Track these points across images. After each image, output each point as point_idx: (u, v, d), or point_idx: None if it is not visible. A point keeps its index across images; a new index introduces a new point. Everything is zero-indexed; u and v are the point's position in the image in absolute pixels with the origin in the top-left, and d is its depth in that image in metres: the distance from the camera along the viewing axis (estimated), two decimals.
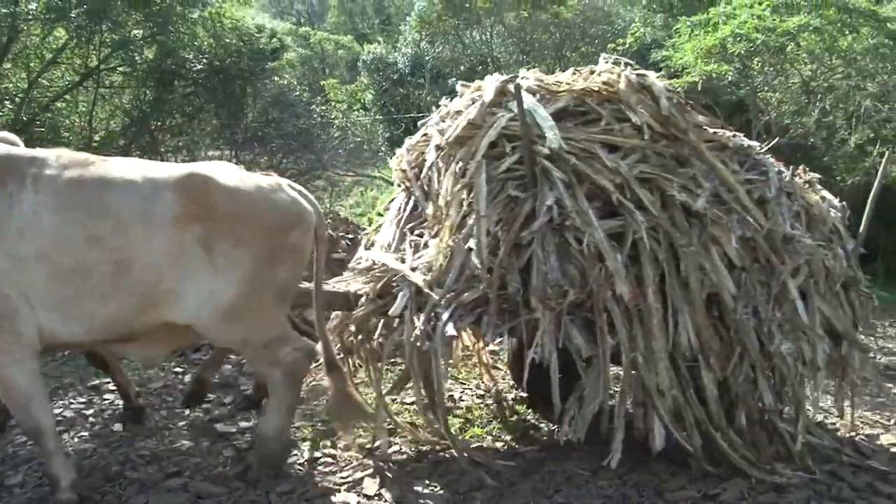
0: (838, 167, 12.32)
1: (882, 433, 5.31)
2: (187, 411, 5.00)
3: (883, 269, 14.88)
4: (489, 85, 4.73)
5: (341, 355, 4.48)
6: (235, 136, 13.37)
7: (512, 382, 5.80)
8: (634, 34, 15.10)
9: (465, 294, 4.03)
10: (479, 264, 4.03)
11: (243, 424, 4.94)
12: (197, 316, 3.55)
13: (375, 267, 4.52)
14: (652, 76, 4.64)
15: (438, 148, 4.68)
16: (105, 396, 5.28)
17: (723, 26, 11.18)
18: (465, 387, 5.99)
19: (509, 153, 4.32)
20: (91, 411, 5.00)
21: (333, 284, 4.60)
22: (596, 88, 4.59)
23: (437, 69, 18.25)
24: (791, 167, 5.06)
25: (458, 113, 4.75)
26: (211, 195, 3.52)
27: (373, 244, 5.04)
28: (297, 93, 14.84)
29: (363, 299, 4.34)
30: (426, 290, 4.08)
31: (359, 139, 17.37)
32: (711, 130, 4.79)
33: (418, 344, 3.93)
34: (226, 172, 3.70)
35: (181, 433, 4.68)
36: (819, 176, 5.35)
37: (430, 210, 4.63)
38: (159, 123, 13.64)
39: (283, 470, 4.08)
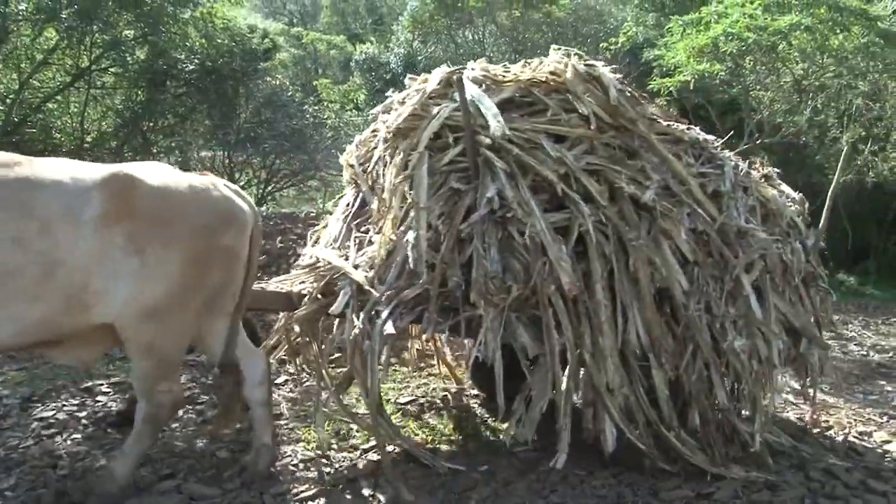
0: (830, 165, 12.41)
1: (875, 430, 5.25)
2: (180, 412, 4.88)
3: (875, 267, 15.00)
4: (435, 76, 4.63)
5: (287, 357, 4.50)
6: (228, 137, 13.28)
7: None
8: (626, 33, 15.02)
9: (406, 291, 3.90)
10: (418, 259, 3.92)
11: (237, 426, 4.83)
12: (121, 315, 3.45)
13: (319, 264, 4.41)
14: (601, 66, 4.49)
15: (384, 141, 4.56)
16: (98, 398, 5.20)
17: (715, 25, 11.12)
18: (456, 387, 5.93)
19: (452, 144, 4.20)
20: (84, 413, 4.91)
21: (277, 284, 4.49)
22: (543, 79, 4.45)
23: (429, 69, 18.22)
24: (748, 161, 4.99)
25: (403, 104, 4.64)
26: (136, 195, 3.43)
27: (317, 241, 4.92)
28: (290, 93, 14.71)
29: (307, 298, 4.21)
30: (367, 288, 3.97)
31: (352, 139, 17.32)
32: (665, 123, 4.66)
33: (357, 344, 3.82)
34: (154, 172, 3.62)
35: (174, 435, 4.59)
36: (777, 170, 5.27)
37: (375, 205, 4.51)
38: (151, 124, 13.56)
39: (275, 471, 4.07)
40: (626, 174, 4.17)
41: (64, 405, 5.17)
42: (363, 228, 4.57)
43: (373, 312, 3.85)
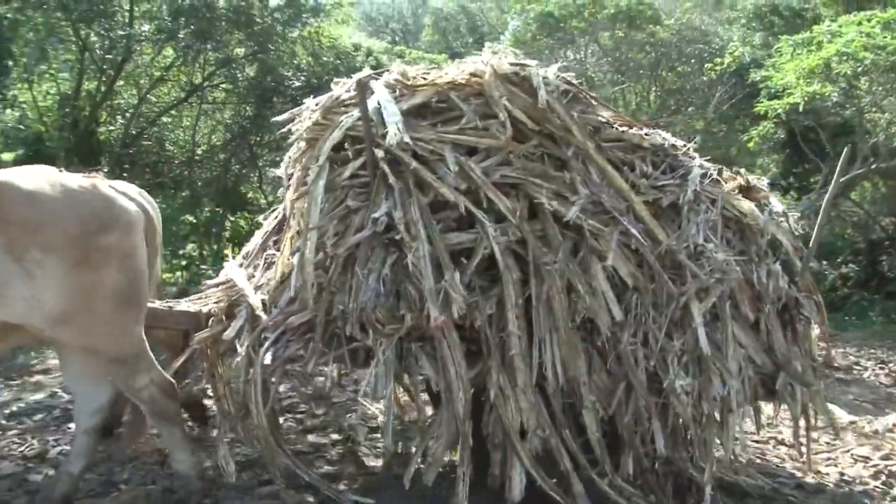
0: None
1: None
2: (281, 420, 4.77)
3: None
4: (352, 82, 4.04)
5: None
6: None
7: None
8: (733, 53, 14.42)
9: (293, 318, 3.48)
10: (302, 284, 3.50)
11: (335, 437, 4.82)
12: (27, 320, 3.39)
13: (228, 283, 4.07)
14: (534, 66, 3.85)
15: (295, 151, 4.12)
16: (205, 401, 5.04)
17: (827, 45, 10.40)
18: None
19: (352, 157, 3.71)
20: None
21: (188, 302, 4.17)
22: (463, 81, 3.84)
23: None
24: (719, 167, 4.24)
25: (314, 111, 4.09)
26: (5, 202, 3.28)
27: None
28: None
29: (212, 320, 3.87)
30: (258, 312, 3.61)
31: None
32: (620, 128, 4.03)
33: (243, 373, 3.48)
34: (29, 178, 3.44)
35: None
36: (766, 179, 4.59)
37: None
38: (258, 138, 13.92)
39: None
40: (547, 188, 3.61)
41: None
42: (277, 246, 4.12)
43: (261, 339, 3.51)
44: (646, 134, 4.02)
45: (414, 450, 3.58)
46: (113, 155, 12.69)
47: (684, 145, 4.20)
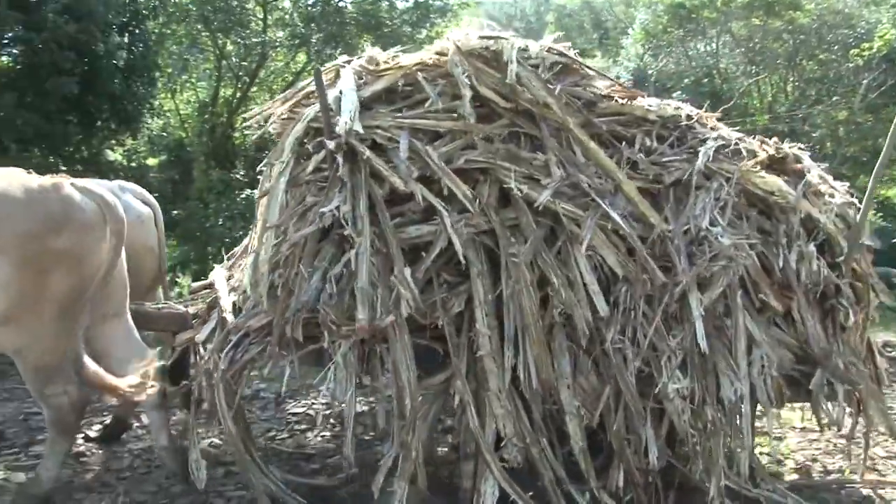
0: None
1: None
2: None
3: None
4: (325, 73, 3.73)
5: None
6: None
7: None
8: (882, 37, 13.61)
9: (252, 320, 3.24)
10: (254, 284, 3.28)
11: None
12: None
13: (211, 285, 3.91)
14: (509, 38, 3.46)
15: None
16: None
17: None
18: None
19: (313, 151, 3.42)
20: (330, 412, 4.96)
21: (178, 303, 4.07)
22: (431, 62, 3.52)
23: (660, 83, 17.60)
24: (740, 136, 3.66)
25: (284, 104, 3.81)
26: None
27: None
28: None
29: (195, 321, 3.70)
30: (225, 314, 3.39)
31: None
32: (621, 100, 3.58)
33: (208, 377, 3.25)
34: None
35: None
36: (802, 146, 3.87)
37: None
38: None
39: None
40: (517, 172, 3.20)
41: (313, 403, 5.29)
42: None
43: (226, 342, 3.29)
44: (655, 105, 3.58)
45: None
46: (248, 158, 13.18)
47: (698, 113, 3.70)
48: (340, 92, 3.37)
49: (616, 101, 3.57)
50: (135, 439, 4.51)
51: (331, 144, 3.19)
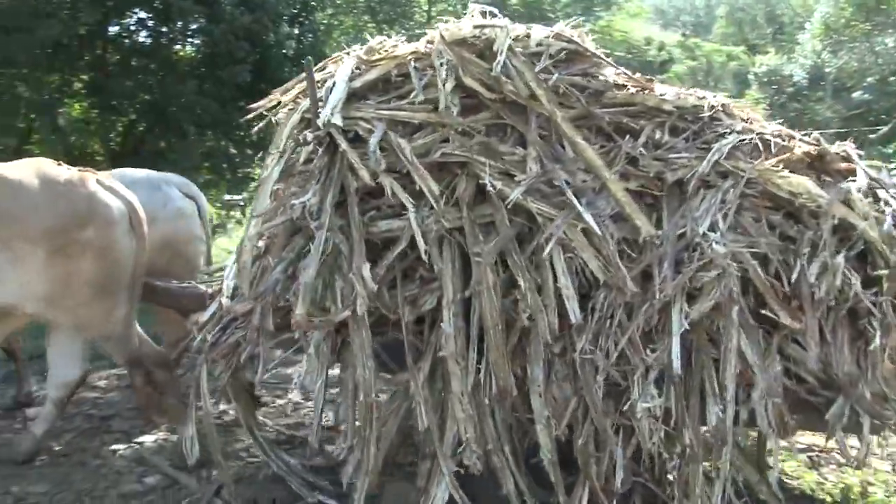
0: None
1: None
2: None
3: None
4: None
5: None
6: None
7: None
8: None
9: (239, 305, 3.24)
10: (240, 271, 3.28)
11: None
12: (21, 302, 3.63)
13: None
14: (504, 26, 3.22)
15: None
16: None
17: None
18: None
19: (302, 142, 3.36)
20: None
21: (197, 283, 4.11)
22: (424, 51, 3.35)
23: (839, 82, 16.39)
24: (777, 133, 3.22)
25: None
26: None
27: None
28: None
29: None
30: (223, 298, 3.40)
31: None
32: (633, 89, 3.29)
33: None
34: (19, 172, 3.65)
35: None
36: (852, 145, 3.33)
37: None
38: None
39: None
40: (493, 167, 2.99)
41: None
42: None
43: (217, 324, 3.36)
44: (672, 94, 3.27)
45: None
46: None
47: (728, 103, 3.32)
48: (332, 82, 3.28)
49: (627, 90, 3.27)
50: None
51: (310, 136, 3.16)
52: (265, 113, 3.59)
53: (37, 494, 3.66)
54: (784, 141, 3.20)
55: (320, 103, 3.13)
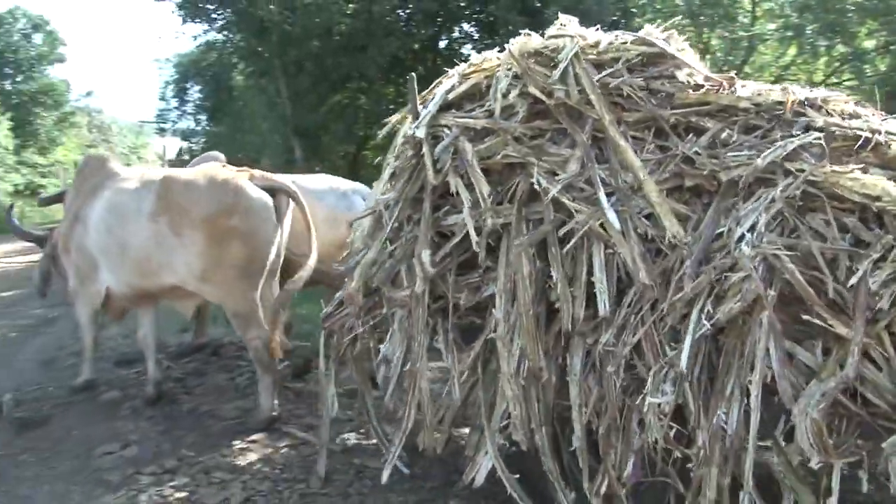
0: None
1: None
2: None
3: None
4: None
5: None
6: None
7: None
8: None
9: (350, 287, 3.64)
10: (348, 256, 3.81)
11: None
12: (185, 280, 4.44)
13: None
14: (572, 40, 3.29)
15: None
16: None
17: None
18: None
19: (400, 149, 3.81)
20: None
21: None
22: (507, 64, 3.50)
23: None
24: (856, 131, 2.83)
25: None
26: (171, 193, 4.38)
27: None
28: None
29: None
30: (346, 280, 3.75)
31: None
32: (706, 86, 3.16)
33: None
34: (193, 172, 4.57)
35: None
36: None
37: None
38: None
39: None
40: (540, 167, 3.11)
41: None
42: None
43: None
44: (752, 91, 3.13)
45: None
46: None
47: (806, 100, 3.07)
48: (433, 95, 3.60)
49: (704, 88, 3.17)
50: None
51: (400, 143, 3.64)
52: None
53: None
54: (882, 137, 2.87)
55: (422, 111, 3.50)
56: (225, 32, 17.93)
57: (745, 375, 2.61)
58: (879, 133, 2.88)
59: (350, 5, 14.42)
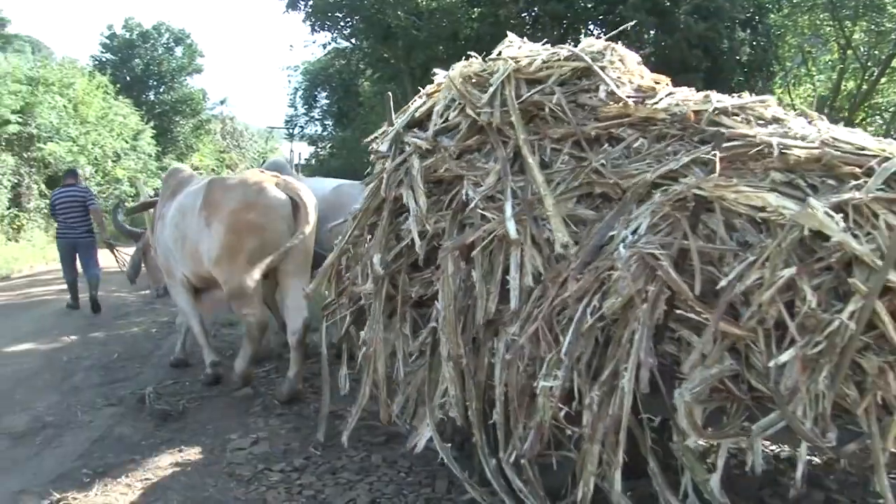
0: None
1: None
2: None
3: None
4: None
5: None
6: None
7: None
8: None
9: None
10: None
11: None
12: (207, 266, 5.09)
13: None
14: (504, 64, 3.72)
15: None
16: None
17: None
18: None
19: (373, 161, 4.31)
20: None
21: None
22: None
23: None
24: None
25: None
26: (211, 192, 5.10)
27: None
28: None
29: None
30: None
31: None
32: (630, 101, 3.44)
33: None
34: (235, 176, 5.48)
35: None
36: None
37: None
38: None
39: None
40: (469, 179, 3.62)
41: None
42: None
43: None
44: (672, 102, 3.39)
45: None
46: None
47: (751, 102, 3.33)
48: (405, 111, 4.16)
49: (625, 102, 3.40)
50: None
51: (373, 157, 4.30)
52: None
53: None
54: (804, 143, 2.96)
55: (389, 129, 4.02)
56: (353, 39, 18.41)
57: (622, 363, 2.83)
58: (798, 138, 3.01)
59: (476, 10, 14.45)
